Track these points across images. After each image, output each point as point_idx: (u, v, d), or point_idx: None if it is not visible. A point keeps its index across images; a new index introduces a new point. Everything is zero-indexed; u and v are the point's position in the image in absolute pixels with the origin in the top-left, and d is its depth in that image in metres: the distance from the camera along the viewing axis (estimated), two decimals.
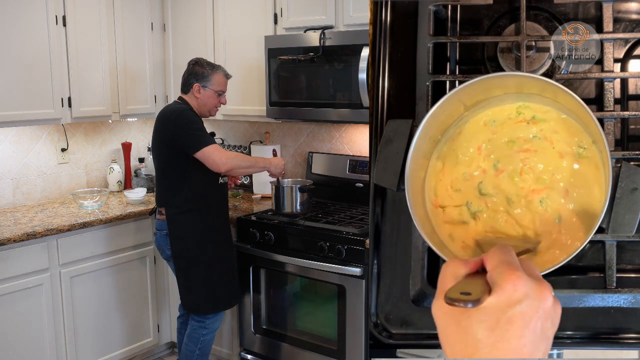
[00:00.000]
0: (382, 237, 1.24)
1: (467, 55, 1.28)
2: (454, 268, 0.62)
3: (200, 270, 2.86)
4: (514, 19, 1.25)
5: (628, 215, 1.06)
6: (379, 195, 1.24)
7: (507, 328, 0.56)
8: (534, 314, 0.57)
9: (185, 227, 2.82)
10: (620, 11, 1.22)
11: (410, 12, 1.27)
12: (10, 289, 2.82)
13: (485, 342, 0.56)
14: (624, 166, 1.07)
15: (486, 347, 0.56)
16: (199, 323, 2.95)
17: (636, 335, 1.15)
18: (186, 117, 2.73)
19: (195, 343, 2.96)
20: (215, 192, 2.88)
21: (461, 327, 0.58)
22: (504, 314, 0.56)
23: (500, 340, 0.56)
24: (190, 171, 2.76)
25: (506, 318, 0.56)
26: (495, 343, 0.56)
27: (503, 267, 0.58)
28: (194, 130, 2.72)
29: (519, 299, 0.56)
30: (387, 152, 1.12)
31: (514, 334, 0.56)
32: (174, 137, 2.72)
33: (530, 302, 0.56)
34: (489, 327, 0.56)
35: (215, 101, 2.89)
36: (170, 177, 2.80)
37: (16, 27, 3.03)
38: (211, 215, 2.87)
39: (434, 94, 1.22)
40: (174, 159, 2.77)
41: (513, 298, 0.56)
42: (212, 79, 2.85)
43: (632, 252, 1.17)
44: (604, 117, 1.17)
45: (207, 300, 2.91)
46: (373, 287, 1.24)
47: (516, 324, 0.56)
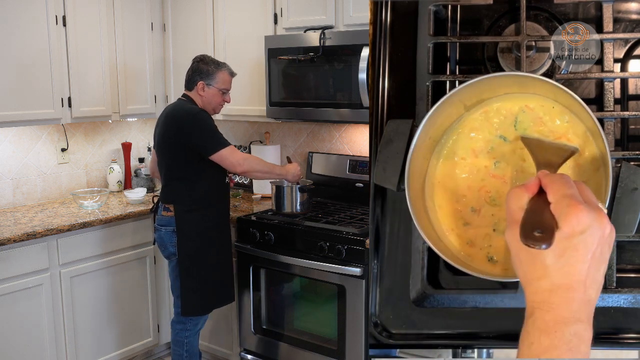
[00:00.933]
0: (382, 237, 1.24)
1: (467, 55, 1.28)
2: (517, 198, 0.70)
3: (202, 270, 2.85)
4: (514, 19, 1.25)
5: (628, 215, 1.06)
6: (379, 195, 1.24)
7: (572, 254, 0.64)
8: (596, 241, 0.64)
9: (194, 225, 2.82)
10: (620, 11, 1.22)
11: (410, 12, 1.27)
12: (10, 289, 2.81)
13: (553, 267, 0.65)
14: (624, 166, 1.07)
15: (554, 271, 0.65)
16: (180, 325, 2.95)
17: (636, 335, 1.15)
18: (203, 120, 2.73)
19: (181, 346, 2.96)
20: (221, 192, 2.90)
21: (531, 254, 0.66)
22: (570, 243, 0.64)
23: (566, 264, 0.65)
24: (202, 171, 2.77)
25: (572, 246, 0.64)
26: (562, 267, 0.65)
27: (566, 200, 0.65)
28: (210, 132, 2.72)
29: (582, 229, 0.64)
30: (387, 152, 1.12)
31: (578, 259, 0.64)
32: (190, 139, 2.71)
33: (592, 231, 0.64)
34: (557, 255, 0.65)
35: (220, 99, 2.88)
36: (180, 176, 2.79)
37: (16, 27, 3.03)
38: (216, 215, 2.88)
39: (434, 94, 1.22)
40: (186, 159, 2.76)
41: (577, 229, 0.64)
42: (216, 77, 2.83)
43: (632, 252, 1.17)
44: (604, 117, 1.17)
45: (203, 301, 2.90)
46: (373, 287, 1.24)
47: (581, 251, 0.64)
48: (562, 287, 0.65)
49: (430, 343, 1.20)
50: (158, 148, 2.88)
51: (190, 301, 2.88)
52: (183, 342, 2.96)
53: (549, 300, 0.65)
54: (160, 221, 2.90)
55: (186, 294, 2.87)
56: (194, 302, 2.88)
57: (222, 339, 3.39)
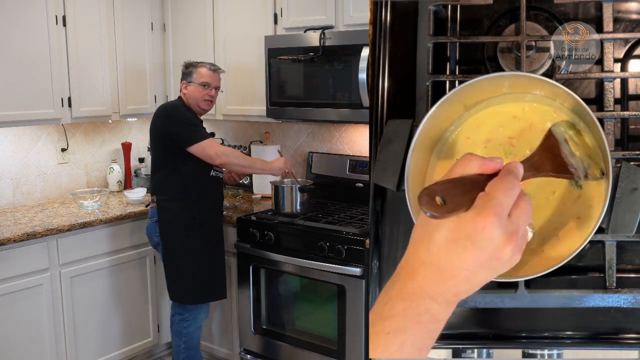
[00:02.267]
0: (382, 237, 1.24)
1: (467, 55, 1.28)
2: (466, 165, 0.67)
3: (183, 260, 2.91)
4: (514, 19, 1.25)
5: (628, 215, 1.06)
6: (379, 195, 1.24)
7: (460, 252, 0.62)
8: (486, 256, 0.62)
9: (173, 214, 2.89)
10: (620, 11, 1.22)
11: (410, 12, 1.27)
12: (10, 289, 2.81)
13: (437, 246, 0.63)
14: (624, 166, 1.07)
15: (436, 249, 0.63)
16: (179, 316, 3.00)
17: (636, 335, 1.15)
18: (179, 113, 2.85)
19: (180, 337, 3.01)
20: (206, 184, 2.93)
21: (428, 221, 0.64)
22: (465, 241, 0.61)
23: (449, 253, 0.62)
24: (182, 162, 2.84)
25: (464, 244, 0.62)
26: (445, 253, 0.62)
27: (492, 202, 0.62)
28: (187, 125, 2.82)
29: (482, 239, 0.61)
30: (387, 152, 1.12)
31: (462, 258, 0.62)
32: (169, 131, 2.82)
33: (490, 248, 0.61)
34: (448, 239, 0.62)
35: (201, 93, 2.91)
36: (162, 167, 2.89)
37: (16, 27, 3.03)
38: (199, 206, 2.92)
39: (434, 94, 1.22)
40: (167, 151, 2.86)
41: (478, 235, 0.61)
42: (194, 73, 2.93)
43: (632, 252, 1.17)
44: (604, 117, 1.17)
45: (189, 291, 2.95)
46: (373, 287, 1.24)
47: (469, 255, 0.62)
48: (435, 266, 0.63)
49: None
50: (150, 146, 2.99)
51: (177, 287, 2.95)
52: (181, 332, 3.00)
53: (418, 270, 0.64)
54: (149, 213, 3.03)
55: (170, 282, 2.97)
56: (180, 288, 2.95)
57: (222, 339, 3.39)
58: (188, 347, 3.02)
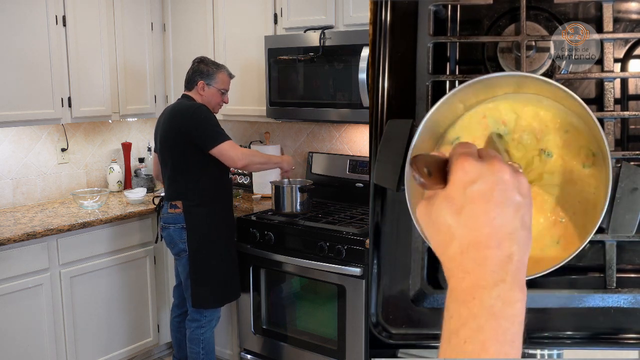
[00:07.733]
0: (382, 237, 1.24)
1: (467, 55, 1.28)
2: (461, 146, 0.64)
3: (212, 263, 2.89)
4: (514, 19, 1.25)
5: (628, 215, 1.06)
6: (379, 195, 1.24)
7: (471, 207, 0.59)
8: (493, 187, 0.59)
9: (201, 219, 2.87)
10: (620, 11, 1.22)
11: (410, 12, 1.27)
12: (10, 289, 2.81)
13: (456, 226, 0.60)
14: (624, 166, 1.07)
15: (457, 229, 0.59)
16: (196, 323, 2.97)
17: (636, 335, 1.15)
18: (203, 114, 2.80)
19: (197, 344, 2.98)
20: (226, 186, 2.97)
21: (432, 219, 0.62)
22: (465, 196, 0.59)
23: (469, 219, 0.59)
24: (206, 166, 2.83)
25: (467, 199, 0.59)
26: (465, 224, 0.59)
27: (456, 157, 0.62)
28: (211, 126, 2.78)
29: (472, 179, 0.59)
30: (387, 152, 1.12)
31: (479, 210, 0.59)
32: (191, 133, 2.77)
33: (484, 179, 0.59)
34: (455, 211, 0.60)
35: (219, 99, 2.96)
36: (186, 171, 2.85)
37: (16, 27, 3.03)
38: (221, 209, 2.93)
39: (434, 94, 1.22)
40: (190, 154, 2.82)
41: (466, 180, 0.60)
42: (216, 77, 2.91)
43: (632, 252, 1.17)
44: (604, 117, 1.17)
45: (214, 294, 2.94)
46: (373, 287, 1.24)
47: (478, 201, 0.59)
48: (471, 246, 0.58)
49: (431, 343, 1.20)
50: (161, 147, 2.92)
51: (202, 293, 2.91)
52: (199, 339, 2.97)
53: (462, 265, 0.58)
54: (167, 219, 2.93)
55: (196, 287, 2.90)
56: (205, 294, 2.91)
57: (222, 339, 3.39)
58: (207, 352, 3.00)
